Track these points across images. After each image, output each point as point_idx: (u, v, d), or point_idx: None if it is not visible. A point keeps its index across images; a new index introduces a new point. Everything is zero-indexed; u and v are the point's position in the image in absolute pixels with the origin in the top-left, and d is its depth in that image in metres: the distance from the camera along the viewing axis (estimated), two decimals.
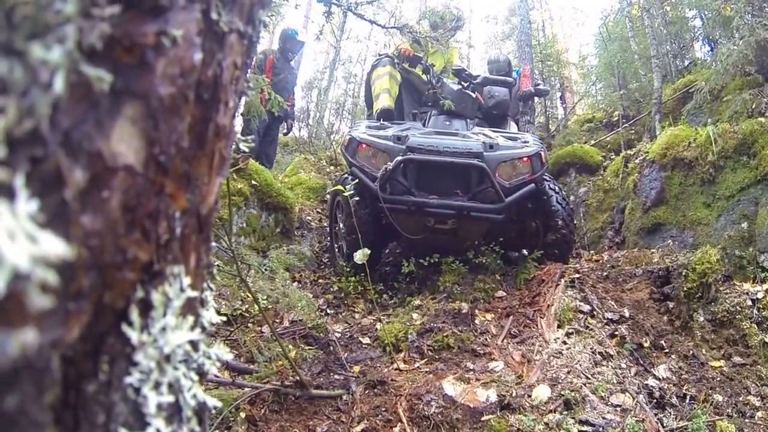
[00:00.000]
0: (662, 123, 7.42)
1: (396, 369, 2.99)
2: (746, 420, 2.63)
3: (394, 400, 2.63)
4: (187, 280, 0.47)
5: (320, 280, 5.08)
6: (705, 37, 9.40)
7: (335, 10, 2.97)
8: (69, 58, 0.31)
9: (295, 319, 3.73)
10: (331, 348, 3.32)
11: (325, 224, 6.68)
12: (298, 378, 2.60)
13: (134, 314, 0.39)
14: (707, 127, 5.42)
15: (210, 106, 0.50)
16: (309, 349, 3.27)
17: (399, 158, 4.13)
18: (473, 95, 5.53)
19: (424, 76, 5.68)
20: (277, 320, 3.67)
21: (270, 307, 3.63)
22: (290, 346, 3.16)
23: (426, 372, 2.97)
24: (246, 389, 2.50)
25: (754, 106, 5.77)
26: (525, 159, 4.51)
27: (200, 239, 0.52)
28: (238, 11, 0.54)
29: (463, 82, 5.67)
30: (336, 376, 2.94)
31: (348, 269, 4.69)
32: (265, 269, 4.08)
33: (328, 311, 4.21)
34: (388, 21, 3.31)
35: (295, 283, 4.51)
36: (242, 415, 2.40)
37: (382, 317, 3.87)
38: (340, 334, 3.67)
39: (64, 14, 0.31)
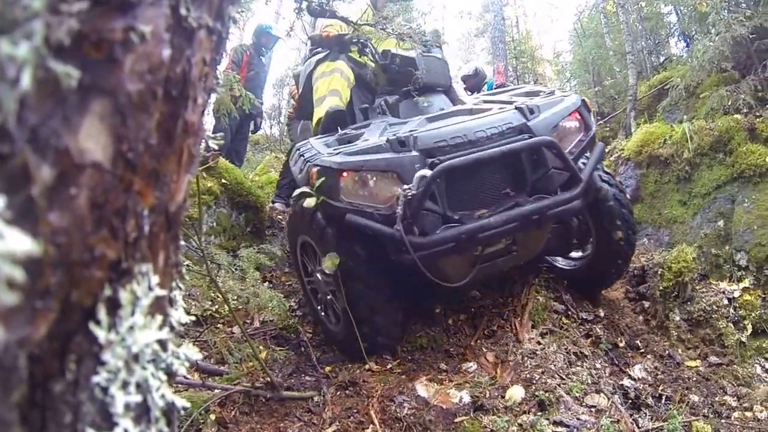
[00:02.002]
0: (637, 120, 7.54)
1: (368, 370, 3.00)
2: (722, 420, 2.69)
3: (366, 401, 2.65)
4: (155, 279, 0.47)
5: (291, 280, 5.06)
6: (681, 33, 9.56)
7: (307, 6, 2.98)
8: (36, 54, 0.31)
9: (266, 319, 3.73)
10: (303, 349, 3.32)
11: None
12: (268, 379, 2.60)
13: (102, 313, 0.39)
14: (683, 124, 5.51)
15: (178, 103, 0.50)
16: (280, 349, 3.27)
17: (423, 173, 2.70)
18: (441, 57, 4.49)
19: (363, 59, 4.37)
20: (248, 321, 3.66)
21: (240, 307, 3.62)
22: (261, 347, 3.17)
23: (398, 373, 2.99)
24: (216, 391, 2.50)
25: (730, 103, 5.87)
26: (575, 114, 3.30)
27: (169, 237, 0.53)
28: (207, 7, 0.55)
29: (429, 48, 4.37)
30: (307, 378, 2.94)
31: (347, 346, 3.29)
32: (236, 269, 4.06)
33: (299, 311, 4.19)
34: (360, 18, 3.32)
35: (266, 283, 4.49)
36: (212, 417, 2.39)
37: None
38: (311, 334, 3.66)
39: (32, 10, 0.32)
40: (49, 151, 0.34)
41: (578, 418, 2.53)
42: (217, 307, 3.54)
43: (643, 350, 3.29)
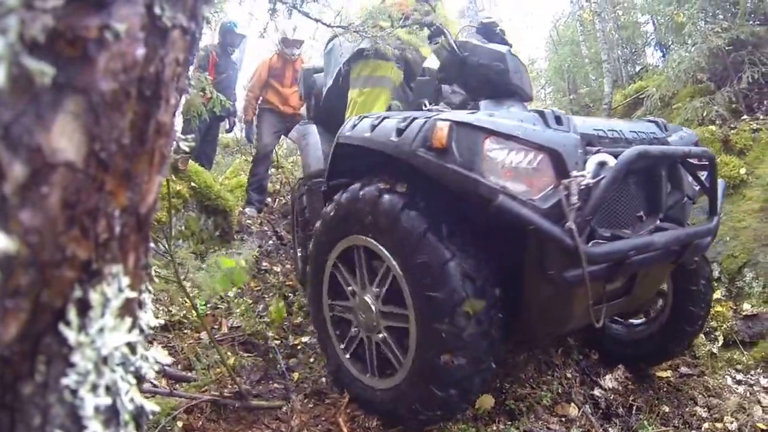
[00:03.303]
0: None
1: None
2: (693, 431, 2.73)
3: (334, 410, 2.65)
4: (125, 281, 0.47)
5: (260, 285, 5.04)
6: (657, 43, 9.74)
7: (280, 7, 2.96)
8: (11, 51, 0.32)
9: (233, 325, 3.71)
10: (271, 355, 3.31)
11: (266, 228, 6.59)
12: (236, 387, 2.59)
13: (72, 314, 0.39)
14: None
15: (152, 103, 0.50)
16: (248, 356, 3.26)
17: (602, 159, 2.20)
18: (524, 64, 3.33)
19: (426, 50, 3.54)
20: (216, 326, 3.64)
21: (208, 312, 3.59)
22: (229, 353, 3.15)
23: None
24: (184, 399, 2.48)
25: (705, 114, 5.98)
26: (696, 142, 2.82)
27: (139, 239, 0.53)
28: (182, 6, 0.55)
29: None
30: (275, 385, 2.93)
31: None
32: (204, 274, 4.04)
33: (267, 318, 4.17)
34: (333, 20, 3.29)
35: (234, 289, 4.46)
36: (179, 424, 2.38)
37: None
38: (279, 342, 3.65)
39: (6, 6, 0.32)
40: (21, 149, 0.34)
41: (548, 428, 2.55)
42: (185, 312, 3.50)
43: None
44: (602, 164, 2.17)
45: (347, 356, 2.69)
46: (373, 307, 2.47)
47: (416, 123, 2.21)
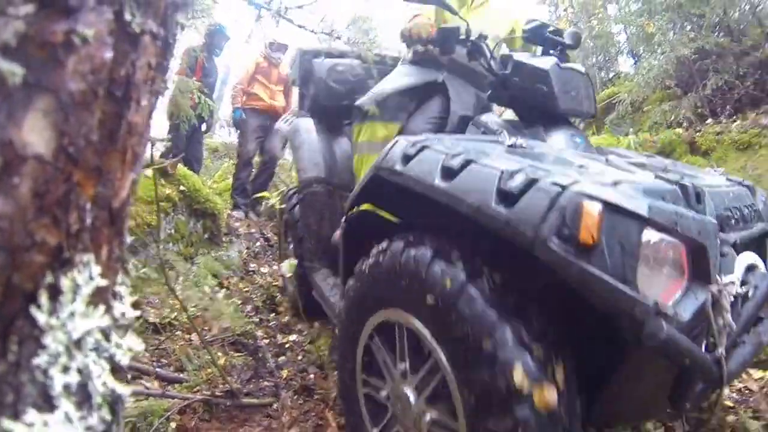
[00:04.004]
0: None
1: (323, 377, 3.02)
2: None
3: (323, 405, 2.66)
4: (97, 269, 0.49)
5: (248, 287, 5.04)
6: (629, 51, 9.91)
7: (264, 13, 2.96)
8: None
9: (223, 326, 3.71)
10: (260, 354, 3.31)
11: (254, 230, 6.59)
12: (228, 386, 2.60)
13: (43, 298, 0.41)
14: (629, 137, 5.73)
15: (122, 104, 0.52)
16: (238, 356, 3.26)
17: (752, 261, 1.73)
18: (583, 71, 2.63)
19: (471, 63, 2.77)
20: (206, 328, 3.64)
21: (198, 314, 3.60)
22: (219, 354, 3.15)
23: None
24: (176, 400, 2.49)
25: (672, 118, 6.16)
26: None
27: (112, 232, 0.54)
28: (153, 13, 0.57)
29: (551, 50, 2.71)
30: (265, 383, 2.94)
31: None
32: (194, 276, 4.04)
33: (256, 318, 4.17)
34: (317, 26, 3.28)
35: (223, 290, 4.46)
36: (173, 425, 2.38)
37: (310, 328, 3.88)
38: (268, 341, 3.66)
39: None
40: None
41: None
42: (175, 314, 3.50)
43: None
44: (751, 268, 1.70)
45: None
46: (414, 405, 1.80)
47: (540, 192, 1.38)
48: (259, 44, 6.96)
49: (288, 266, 3.52)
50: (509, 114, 2.78)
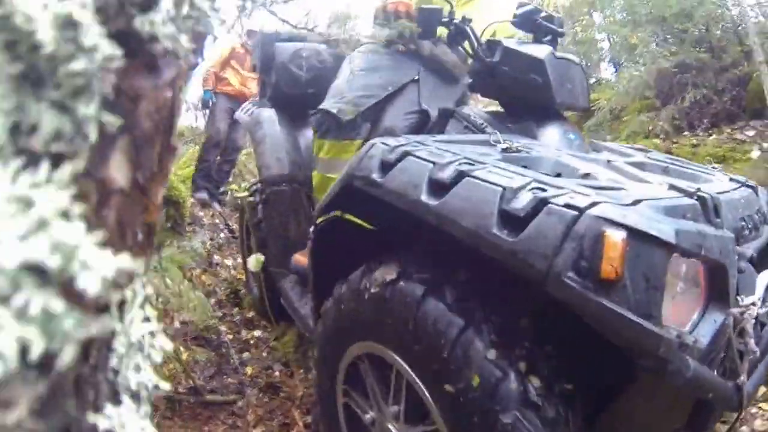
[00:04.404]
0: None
1: (288, 374, 3.09)
2: None
3: (289, 403, 2.74)
4: (144, 279, 0.58)
5: (211, 280, 5.09)
6: (611, 59, 10.19)
7: (249, 5, 2.98)
8: (98, 111, 0.42)
9: (186, 319, 3.76)
10: (224, 350, 3.37)
11: (218, 221, 6.60)
12: (191, 383, 2.65)
13: (114, 308, 0.50)
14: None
15: (169, 132, 0.61)
16: (201, 351, 3.32)
17: None
18: (577, 60, 2.53)
19: (441, 49, 2.75)
20: (167, 321, 3.68)
21: (160, 307, 3.64)
22: (182, 348, 3.21)
23: None
24: None
25: (650, 128, 6.40)
26: None
27: (149, 243, 0.63)
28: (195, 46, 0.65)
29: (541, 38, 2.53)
30: (230, 380, 3.01)
31: None
32: (156, 268, 4.06)
33: (219, 312, 4.22)
34: (300, 21, 3.30)
35: (186, 282, 4.50)
36: None
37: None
38: (232, 336, 3.72)
39: (91, 72, 0.42)
40: (93, 181, 0.44)
41: None
42: None
43: None
44: None
45: None
46: None
47: (552, 217, 1.23)
48: (238, 30, 6.98)
49: (255, 261, 3.52)
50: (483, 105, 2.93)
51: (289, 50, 3.52)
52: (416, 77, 2.73)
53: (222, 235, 6.23)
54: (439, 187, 1.45)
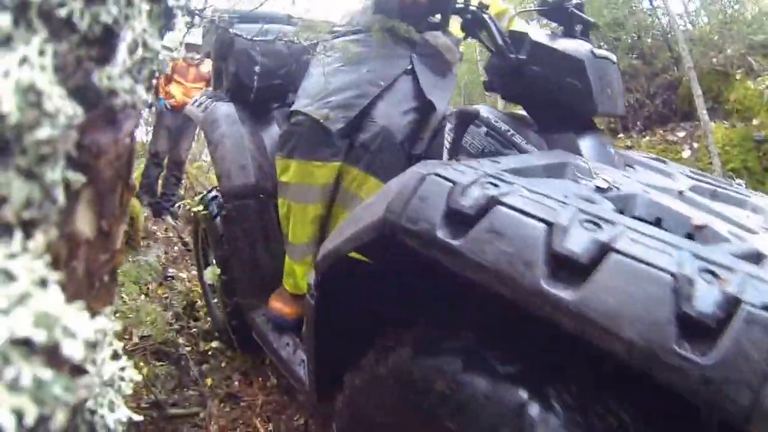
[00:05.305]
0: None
1: (248, 383, 3.09)
2: None
3: (250, 412, 2.74)
4: (110, 317, 0.60)
5: (167, 293, 5.02)
6: None
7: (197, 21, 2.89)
8: (62, 173, 0.44)
9: (144, 334, 3.71)
10: (183, 363, 3.34)
11: (171, 235, 6.53)
12: (153, 397, 2.63)
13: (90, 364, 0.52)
14: None
15: (128, 173, 0.62)
16: (161, 365, 3.28)
17: None
18: (614, 59, 2.05)
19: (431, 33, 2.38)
20: (126, 336, 3.64)
21: (120, 326, 3.57)
22: (142, 363, 3.17)
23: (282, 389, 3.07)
24: None
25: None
26: None
27: (113, 283, 0.65)
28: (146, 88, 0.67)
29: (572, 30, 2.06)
30: (190, 392, 2.99)
31: None
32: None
33: (177, 325, 4.17)
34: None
35: (143, 296, 4.45)
36: None
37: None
38: (190, 348, 3.69)
39: (55, 139, 0.44)
40: (61, 237, 0.46)
41: None
42: None
43: None
44: None
45: None
46: None
47: (754, 330, 0.77)
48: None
49: (210, 274, 3.36)
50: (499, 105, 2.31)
51: (252, 33, 2.69)
52: (409, 66, 2.35)
53: (176, 248, 6.16)
54: (573, 271, 0.89)
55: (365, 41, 2.33)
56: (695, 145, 5.61)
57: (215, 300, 3.59)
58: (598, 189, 1.29)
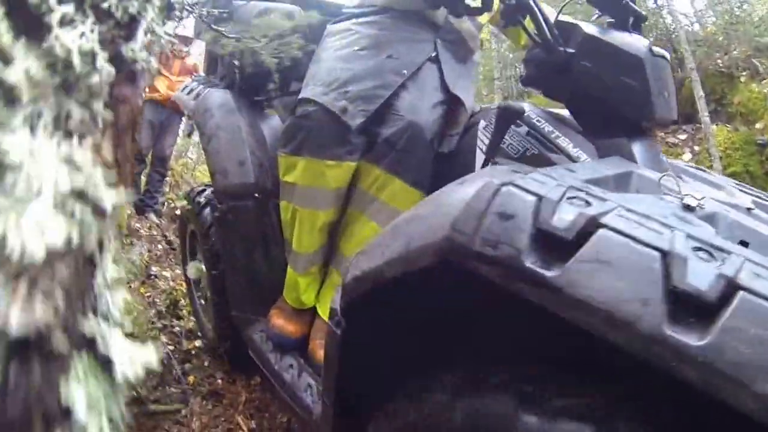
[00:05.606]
0: None
1: (232, 382, 3.12)
2: None
3: (232, 410, 2.77)
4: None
5: (150, 291, 5.05)
6: None
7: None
8: (102, 108, 0.57)
9: (126, 332, 3.72)
10: (164, 361, 3.37)
11: (155, 233, 6.55)
12: (135, 393, 2.65)
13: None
14: None
15: (134, 128, 0.84)
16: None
17: None
18: (668, 57, 1.79)
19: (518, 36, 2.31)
20: None
21: None
22: None
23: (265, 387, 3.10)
24: None
25: None
26: None
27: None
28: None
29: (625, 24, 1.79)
30: (172, 389, 3.01)
31: None
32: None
33: (159, 323, 4.20)
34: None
35: (126, 295, 4.45)
36: None
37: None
38: (173, 347, 3.72)
39: (100, 84, 0.56)
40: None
41: None
42: None
43: None
44: None
45: None
46: None
47: None
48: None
49: (194, 269, 3.24)
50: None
51: (253, 13, 2.59)
52: (433, 53, 2.12)
53: (160, 246, 6.19)
54: (699, 312, 0.74)
55: (381, 23, 2.12)
56: (696, 147, 5.69)
57: (201, 301, 3.45)
58: (686, 207, 1.12)
